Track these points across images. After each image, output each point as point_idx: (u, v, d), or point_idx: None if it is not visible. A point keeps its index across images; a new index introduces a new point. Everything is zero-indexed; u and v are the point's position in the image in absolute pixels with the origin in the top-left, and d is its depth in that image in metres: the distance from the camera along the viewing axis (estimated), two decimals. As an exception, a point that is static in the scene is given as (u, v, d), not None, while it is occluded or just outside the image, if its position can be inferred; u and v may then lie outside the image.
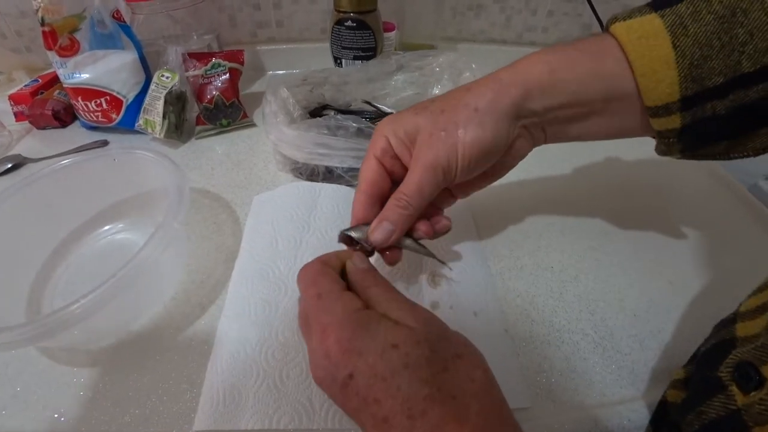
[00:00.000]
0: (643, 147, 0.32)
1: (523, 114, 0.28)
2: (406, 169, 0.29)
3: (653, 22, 0.25)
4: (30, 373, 0.32)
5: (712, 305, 0.31)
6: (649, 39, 0.25)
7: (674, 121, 0.26)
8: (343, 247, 0.30)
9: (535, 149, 0.32)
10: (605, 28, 0.28)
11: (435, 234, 0.32)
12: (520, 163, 0.32)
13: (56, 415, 0.30)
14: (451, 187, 0.33)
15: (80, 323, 0.26)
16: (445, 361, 0.21)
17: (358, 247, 0.29)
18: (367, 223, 0.29)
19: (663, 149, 0.29)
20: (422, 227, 0.31)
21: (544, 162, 0.50)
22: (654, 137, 0.29)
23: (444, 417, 0.19)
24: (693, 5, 0.24)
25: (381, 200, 0.30)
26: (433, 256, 0.32)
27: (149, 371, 0.32)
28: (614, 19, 0.27)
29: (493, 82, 0.28)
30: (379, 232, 0.28)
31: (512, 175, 0.48)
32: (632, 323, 0.36)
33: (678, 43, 0.24)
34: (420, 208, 0.29)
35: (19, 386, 0.31)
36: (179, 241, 0.39)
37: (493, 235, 0.43)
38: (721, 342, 0.24)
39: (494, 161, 0.30)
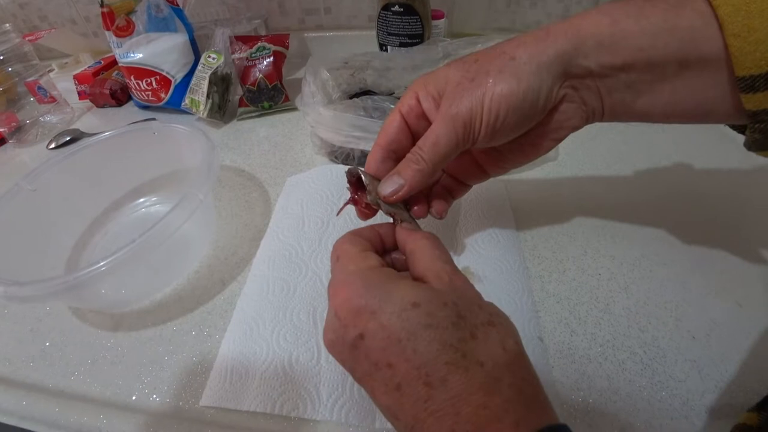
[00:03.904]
0: (721, 149, 0.27)
1: (573, 71, 0.23)
2: None
3: None
4: (60, 330, 0.34)
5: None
6: None
7: None
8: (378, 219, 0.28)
9: (589, 139, 0.27)
10: None
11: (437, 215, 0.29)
12: (571, 158, 0.28)
13: (76, 373, 0.30)
14: (482, 160, 0.30)
15: (102, 282, 0.27)
16: (475, 328, 0.18)
17: (359, 195, 0.27)
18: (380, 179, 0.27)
19: (758, 139, 0.23)
20: (415, 208, 0.28)
21: (599, 158, 0.45)
22: (743, 128, 0.23)
23: (469, 386, 0.16)
24: None
25: (398, 158, 0.27)
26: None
27: (165, 341, 0.32)
28: None
29: (539, 31, 0.24)
30: (388, 185, 0.25)
31: (561, 171, 0.45)
32: (689, 346, 0.31)
33: None
34: (435, 164, 0.25)
35: (48, 342, 0.33)
36: (208, 216, 0.39)
37: (534, 234, 0.39)
38: None
39: (529, 124, 0.25)
